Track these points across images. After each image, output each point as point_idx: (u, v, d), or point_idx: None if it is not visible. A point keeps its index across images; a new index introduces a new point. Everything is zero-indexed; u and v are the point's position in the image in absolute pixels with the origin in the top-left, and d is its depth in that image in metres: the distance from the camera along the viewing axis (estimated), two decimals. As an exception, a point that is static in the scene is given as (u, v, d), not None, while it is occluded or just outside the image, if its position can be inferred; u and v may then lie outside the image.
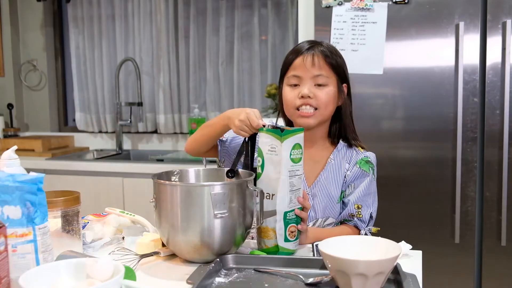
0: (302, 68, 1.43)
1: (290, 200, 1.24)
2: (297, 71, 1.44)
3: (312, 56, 1.43)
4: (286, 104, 1.47)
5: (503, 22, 2.07)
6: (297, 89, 1.45)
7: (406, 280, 1.01)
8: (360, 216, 1.46)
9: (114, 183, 2.80)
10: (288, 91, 1.46)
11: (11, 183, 0.98)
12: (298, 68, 1.44)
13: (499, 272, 2.17)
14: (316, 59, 1.43)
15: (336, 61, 1.46)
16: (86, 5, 3.45)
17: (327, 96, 1.44)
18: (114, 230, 1.41)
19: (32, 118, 3.68)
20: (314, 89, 1.43)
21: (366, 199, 1.48)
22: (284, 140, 1.21)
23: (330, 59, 1.44)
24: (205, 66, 3.29)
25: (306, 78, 1.43)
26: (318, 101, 1.43)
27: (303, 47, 1.46)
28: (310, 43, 1.47)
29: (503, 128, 2.09)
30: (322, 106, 1.43)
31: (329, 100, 1.44)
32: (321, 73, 1.43)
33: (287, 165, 1.22)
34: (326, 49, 1.46)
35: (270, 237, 1.25)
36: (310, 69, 1.42)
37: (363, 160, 1.51)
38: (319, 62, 1.43)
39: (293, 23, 3.11)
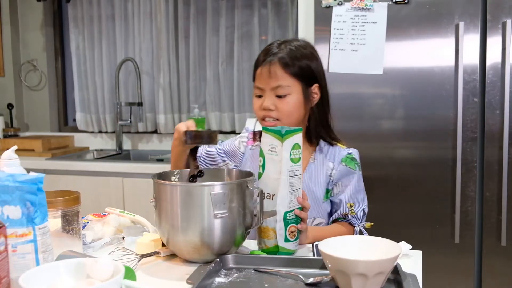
0: (261, 80, 1.42)
1: (290, 200, 1.24)
2: (258, 82, 1.44)
3: (269, 66, 1.40)
4: (255, 114, 1.48)
5: (503, 22, 2.07)
6: (260, 100, 1.44)
7: (406, 280, 1.01)
8: (353, 214, 1.47)
9: (114, 183, 2.80)
10: (255, 101, 1.47)
11: (11, 183, 0.98)
12: (258, 79, 1.43)
13: (499, 272, 2.17)
14: (273, 70, 1.40)
15: (299, 67, 1.41)
16: (86, 5, 3.45)
17: (288, 107, 1.41)
18: (114, 230, 1.41)
19: (32, 118, 3.68)
20: (276, 100, 1.41)
21: (357, 196, 1.48)
22: (285, 140, 1.21)
23: (290, 67, 1.40)
24: (205, 66, 3.29)
25: (266, 90, 1.42)
26: (280, 112, 1.42)
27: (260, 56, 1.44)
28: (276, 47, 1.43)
29: (503, 128, 2.09)
30: (284, 117, 1.42)
31: (291, 110, 1.42)
32: (279, 84, 1.40)
33: (287, 165, 1.22)
34: (287, 54, 1.41)
35: (270, 237, 1.25)
36: (268, 81, 1.40)
37: (348, 157, 1.49)
38: (276, 72, 1.40)
39: (293, 23, 3.11)
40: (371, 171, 2.28)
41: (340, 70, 2.24)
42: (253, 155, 1.55)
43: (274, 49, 1.43)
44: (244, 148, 1.57)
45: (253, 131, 1.59)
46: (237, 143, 1.59)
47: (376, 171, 2.27)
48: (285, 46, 1.43)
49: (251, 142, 1.58)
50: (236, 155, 1.58)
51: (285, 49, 1.42)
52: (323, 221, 1.49)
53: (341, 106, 2.26)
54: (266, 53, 1.43)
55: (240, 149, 1.57)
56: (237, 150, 1.58)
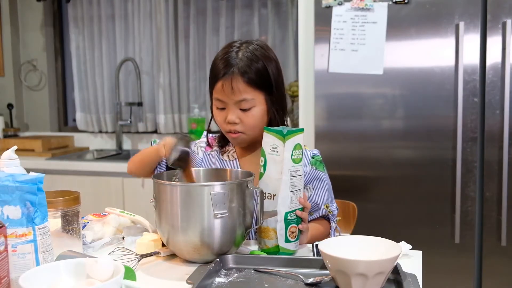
0: (223, 94, 1.37)
1: (291, 200, 1.24)
2: (220, 95, 1.38)
3: (231, 81, 1.35)
4: (218, 125, 1.45)
5: (503, 22, 2.07)
6: (223, 113, 1.40)
7: (406, 280, 1.01)
8: (331, 213, 1.47)
9: (114, 183, 2.80)
10: (216, 113, 1.42)
11: (11, 183, 0.98)
12: (219, 93, 1.38)
13: (499, 272, 2.17)
14: (235, 85, 1.35)
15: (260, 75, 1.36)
16: (86, 5, 3.45)
17: (254, 119, 1.39)
18: (114, 230, 1.41)
19: (32, 118, 3.68)
20: (240, 114, 1.38)
21: (330, 196, 1.48)
22: (287, 140, 1.21)
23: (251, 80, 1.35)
24: (205, 66, 3.29)
25: (229, 104, 1.38)
26: (245, 126, 1.39)
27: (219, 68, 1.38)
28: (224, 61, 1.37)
29: (503, 128, 2.09)
30: (249, 129, 1.40)
31: (256, 122, 1.40)
32: (243, 97, 1.36)
33: (288, 166, 1.22)
34: (247, 65, 1.35)
35: (270, 237, 1.25)
36: (231, 96, 1.36)
37: (316, 160, 1.47)
38: (238, 87, 1.35)
39: (293, 23, 3.11)
40: (371, 171, 2.28)
41: (340, 70, 2.24)
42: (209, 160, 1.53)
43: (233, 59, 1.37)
44: (202, 154, 1.55)
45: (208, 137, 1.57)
46: (195, 149, 1.56)
47: (376, 171, 2.27)
48: (243, 53, 1.38)
49: (209, 148, 1.55)
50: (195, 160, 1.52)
51: (244, 58, 1.37)
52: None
53: (341, 106, 2.26)
54: (226, 63, 1.37)
55: (199, 154, 1.53)
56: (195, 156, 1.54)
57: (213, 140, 1.56)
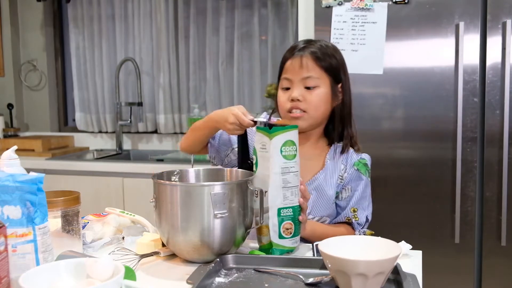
0: (291, 71, 1.43)
1: (284, 197, 1.24)
2: (288, 73, 1.44)
3: (301, 58, 1.41)
4: (280, 107, 1.47)
5: (503, 22, 2.07)
6: (288, 92, 1.44)
7: (406, 280, 1.01)
8: (357, 219, 1.47)
9: (114, 183, 2.80)
10: (281, 94, 1.46)
11: (11, 183, 0.98)
12: (288, 71, 1.44)
13: (499, 272, 2.17)
14: (304, 61, 1.41)
15: (329, 63, 1.43)
16: (86, 5, 3.45)
17: (317, 98, 1.42)
18: (114, 230, 1.41)
19: (32, 118, 3.68)
20: (304, 92, 1.42)
21: (362, 202, 1.49)
22: (273, 138, 1.22)
23: (320, 60, 1.42)
24: (205, 66, 3.29)
25: (295, 81, 1.42)
26: (308, 104, 1.41)
27: (294, 48, 1.45)
28: (303, 43, 1.45)
29: (503, 128, 2.09)
30: (312, 109, 1.42)
31: (319, 103, 1.43)
32: (310, 74, 1.41)
33: (279, 162, 1.22)
34: (318, 49, 1.43)
35: (264, 234, 1.25)
36: (298, 71, 1.41)
37: (360, 162, 1.50)
38: (307, 63, 1.41)
39: (293, 23, 3.11)
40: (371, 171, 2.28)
41: (340, 70, 2.24)
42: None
43: (303, 44, 1.45)
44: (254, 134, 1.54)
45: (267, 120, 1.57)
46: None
47: (376, 171, 2.26)
48: (315, 43, 1.45)
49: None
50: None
51: (315, 45, 1.44)
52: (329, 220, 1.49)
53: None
54: (295, 47, 1.45)
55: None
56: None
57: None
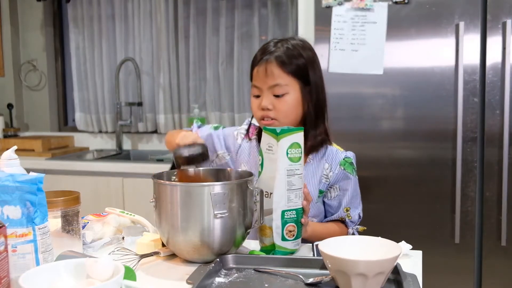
0: (258, 79, 1.41)
1: (289, 199, 1.24)
2: (255, 81, 1.43)
3: (266, 65, 1.39)
4: (253, 113, 1.47)
5: (503, 22, 2.07)
6: (258, 99, 1.43)
7: (406, 280, 1.01)
8: (350, 218, 1.48)
9: (114, 183, 2.80)
10: (253, 101, 1.46)
11: (11, 183, 0.98)
12: (255, 78, 1.43)
13: (499, 272, 2.17)
14: (269, 69, 1.39)
15: (296, 65, 1.40)
16: (86, 5, 3.45)
17: (286, 107, 1.41)
18: (114, 230, 1.41)
19: (32, 118, 3.68)
20: (273, 100, 1.40)
21: (353, 201, 1.49)
22: (280, 139, 1.21)
23: (286, 65, 1.38)
24: (205, 66, 3.29)
25: (264, 89, 1.41)
26: (277, 112, 1.41)
27: (257, 55, 1.43)
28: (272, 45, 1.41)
29: (503, 128, 2.09)
30: (282, 116, 1.41)
31: (289, 110, 1.41)
32: (276, 82, 1.39)
33: (284, 164, 1.22)
34: (284, 53, 1.39)
35: (267, 235, 1.25)
36: (265, 80, 1.39)
37: (346, 161, 1.48)
38: (273, 71, 1.38)
39: (293, 23, 3.11)
40: (371, 171, 2.28)
41: (340, 70, 2.24)
42: (250, 148, 1.54)
43: (271, 48, 1.41)
44: (241, 141, 1.56)
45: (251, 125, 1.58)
46: (235, 134, 1.58)
47: (376, 171, 2.27)
48: (282, 44, 1.41)
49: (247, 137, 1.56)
50: (233, 147, 1.56)
51: (282, 48, 1.40)
52: (314, 220, 1.49)
53: (341, 106, 2.26)
54: (263, 51, 1.42)
55: (237, 140, 1.55)
56: (234, 142, 1.57)
57: (253, 130, 1.56)
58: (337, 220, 1.50)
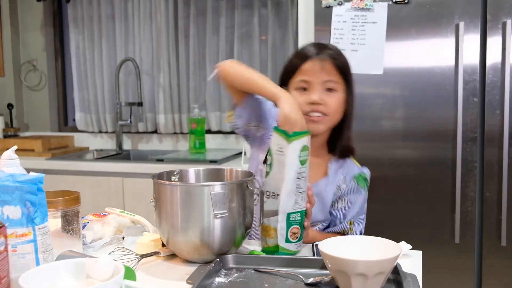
0: (311, 73, 1.40)
1: (295, 201, 1.23)
2: (306, 76, 1.40)
3: (321, 61, 1.39)
4: None
5: (503, 22, 2.07)
6: (305, 94, 1.41)
7: (406, 280, 1.01)
8: (352, 232, 1.47)
9: (114, 183, 2.80)
10: (297, 95, 1.41)
11: (11, 183, 0.98)
12: (307, 73, 1.40)
13: (499, 272, 2.17)
14: (326, 64, 1.39)
15: (347, 69, 1.43)
16: (86, 5, 3.45)
17: (337, 102, 1.41)
18: (114, 230, 1.41)
19: (32, 118, 3.68)
20: (324, 95, 1.40)
21: (358, 216, 1.49)
22: (292, 142, 1.20)
23: (339, 66, 1.41)
24: (205, 66, 3.29)
25: (315, 84, 1.39)
26: (328, 107, 1.39)
27: (310, 50, 1.42)
28: (317, 47, 1.43)
29: (503, 128, 2.09)
30: (332, 112, 1.40)
31: (338, 106, 1.41)
32: (330, 78, 1.40)
33: (294, 167, 1.21)
34: (336, 54, 1.42)
35: (271, 236, 1.25)
36: (320, 74, 1.39)
37: (361, 176, 1.49)
38: (328, 67, 1.39)
39: (293, 23, 3.11)
40: (371, 171, 2.28)
41: (340, 70, 2.24)
42: None
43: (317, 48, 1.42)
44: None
45: None
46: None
47: (376, 171, 2.26)
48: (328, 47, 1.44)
49: None
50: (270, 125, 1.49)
51: (331, 49, 1.43)
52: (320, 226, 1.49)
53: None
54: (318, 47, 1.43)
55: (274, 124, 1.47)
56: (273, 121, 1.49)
57: None
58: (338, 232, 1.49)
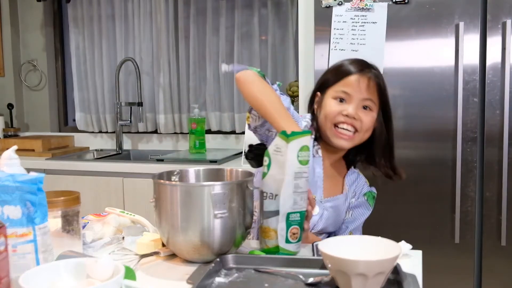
0: (355, 87, 1.41)
1: (295, 201, 1.23)
2: (349, 88, 1.41)
3: (369, 79, 1.41)
4: (326, 116, 1.44)
5: (503, 22, 2.07)
6: (342, 105, 1.42)
7: (406, 280, 1.01)
8: None
9: (114, 183, 2.80)
10: (333, 103, 1.43)
11: (11, 183, 0.98)
12: (350, 85, 1.41)
13: (499, 272, 2.17)
14: (371, 83, 1.41)
15: (386, 93, 1.45)
16: (86, 5, 3.45)
17: (371, 121, 1.43)
18: (114, 230, 1.41)
19: (32, 118, 3.68)
20: (360, 111, 1.41)
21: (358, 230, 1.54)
22: (291, 141, 1.20)
23: (381, 88, 1.43)
24: (205, 66, 3.29)
25: (355, 98, 1.41)
26: (362, 124, 1.41)
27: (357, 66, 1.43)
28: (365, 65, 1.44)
29: (503, 128, 2.09)
30: (364, 130, 1.42)
31: (370, 126, 1.44)
32: (370, 97, 1.42)
33: (293, 167, 1.21)
34: (378, 73, 1.45)
35: (271, 237, 1.25)
36: (363, 90, 1.41)
37: (371, 193, 1.56)
38: (373, 86, 1.41)
39: (293, 23, 3.11)
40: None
41: (340, 70, 2.24)
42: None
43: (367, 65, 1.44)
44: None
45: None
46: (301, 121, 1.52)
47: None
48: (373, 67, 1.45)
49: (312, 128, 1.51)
50: None
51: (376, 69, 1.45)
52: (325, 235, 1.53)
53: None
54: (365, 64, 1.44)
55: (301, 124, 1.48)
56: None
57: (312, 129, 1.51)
58: None
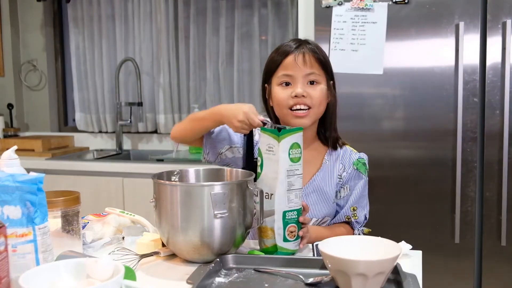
0: (293, 67, 1.41)
1: (289, 199, 1.24)
2: (289, 70, 1.42)
3: (303, 54, 1.42)
4: (279, 104, 1.45)
5: (503, 22, 2.07)
6: (289, 88, 1.42)
7: (406, 280, 1.01)
8: (356, 218, 1.48)
9: (114, 183, 2.80)
10: (280, 90, 1.44)
11: (11, 183, 0.98)
12: (289, 67, 1.42)
13: (499, 272, 2.17)
14: (307, 57, 1.41)
15: (326, 60, 1.46)
16: (86, 5, 3.45)
17: (320, 94, 1.42)
18: (114, 230, 1.41)
19: (32, 118, 3.68)
20: (307, 88, 1.41)
21: (361, 201, 1.49)
22: (282, 140, 1.21)
23: (319, 58, 1.43)
24: (205, 66, 3.29)
25: (298, 77, 1.41)
26: (312, 99, 1.41)
27: (290, 46, 1.44)
28: (297, 42, 1.46)
29: (503, 128, 2.09)
30: (316, 104, 1.42)
31: (322, 98, 1.43)
32: (312, 71, 1.42)
33: (285, 165, 1.22)
34: (315, 47, 1.45)
35: (269, 236, 1.25)
36: (302, 67, 1.41)
37: (359, 161, 1.50)
38: (310, 60, 1.42)
39: (293, 23, 3.11)
40: (371, 171, 2.27)
41: (340, 70, 2.24)
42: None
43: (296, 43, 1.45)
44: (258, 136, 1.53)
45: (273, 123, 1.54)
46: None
47: (376, 171, 2.26)
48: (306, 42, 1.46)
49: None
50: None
51: (309, 43, 1.46)
52: (329, 220, 1.50)
53: (341, 106, 2.23)
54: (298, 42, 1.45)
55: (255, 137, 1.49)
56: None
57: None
58: (342, 222, 1.50)
